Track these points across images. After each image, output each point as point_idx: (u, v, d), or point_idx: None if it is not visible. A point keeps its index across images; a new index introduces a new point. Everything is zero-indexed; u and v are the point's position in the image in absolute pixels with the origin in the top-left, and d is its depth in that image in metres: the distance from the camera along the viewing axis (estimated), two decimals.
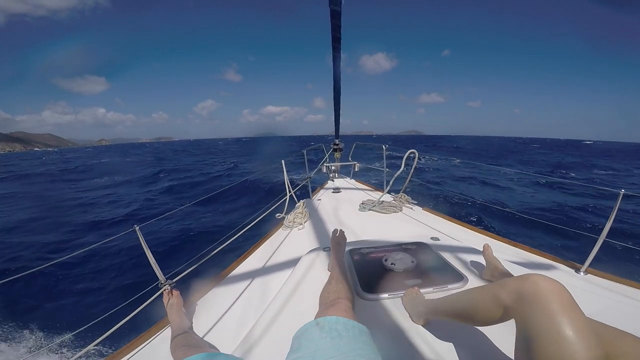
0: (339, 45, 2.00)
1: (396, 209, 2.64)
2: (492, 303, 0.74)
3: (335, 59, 2.18)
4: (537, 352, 0.59)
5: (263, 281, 1.57)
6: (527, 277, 0.68)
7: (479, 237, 2.02)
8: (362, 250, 1.62)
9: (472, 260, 1.53)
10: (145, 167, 21.88)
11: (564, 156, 28.37)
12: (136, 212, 8.28)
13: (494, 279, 1.32)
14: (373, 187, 3.65)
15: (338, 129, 3.58)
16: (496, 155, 24.32)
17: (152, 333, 1.24)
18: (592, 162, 23.92)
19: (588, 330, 0.57)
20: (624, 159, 28.77)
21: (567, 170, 17.53)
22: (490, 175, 12.35)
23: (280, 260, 1.78)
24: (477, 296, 0.82)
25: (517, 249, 1.82)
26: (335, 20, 1.76)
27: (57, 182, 16.66)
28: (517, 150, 34.39)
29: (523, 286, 0.66)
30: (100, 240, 1.29)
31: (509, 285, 0.71)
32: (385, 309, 1.16)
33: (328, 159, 3.98)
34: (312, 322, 0.83)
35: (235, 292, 1.46)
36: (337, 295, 1.04)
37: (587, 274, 1.53)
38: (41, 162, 39.01)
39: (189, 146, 78.24)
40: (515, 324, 0.69)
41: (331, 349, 0.72)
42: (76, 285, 4.30)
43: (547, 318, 0.59)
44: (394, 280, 1.31)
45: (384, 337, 1.00)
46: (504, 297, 0.70)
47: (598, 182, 13.14)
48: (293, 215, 2.49)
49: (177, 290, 1.36)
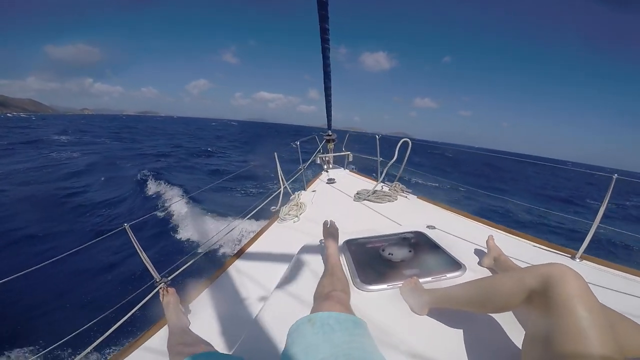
0: (328, 36, 1.98)
1: (391, 198, 2.64)
2: (517, 287, 0.77)
3: (325, 50, 2.15)
4: (556, 332, 0.62)
5: (260, 277, 1.56)
6: (554, 264, 0.73)
7: (474, 225, 2.03)
8: (359, 240, 1.61)
9: (469, 249, 1.54)
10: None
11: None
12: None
13: (496, 267, 1.34)
14: (367, 177, 3.65)
15: (330, 120, 3.54)
16: (498, 178, 20.17)
17: (152, 332, 1.22)
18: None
19: (603, 314, 0.62)
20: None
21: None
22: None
23: (276, 254, 1.77)
24: (501, 280, 0.86)
25: (513, 236, 1.84)
26: (322, 11, 1.73)
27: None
28: (514, 170, 29.30)
29: (551, 271, 0.71)
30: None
31: (538, 270, 0.75)
32: (384, 299, 1.16)
33: (322, 150, 3.95)
34: (304, 318, 0.83)
35: (232, 288, 1.45)
36: (332, 288, 1.04)
37: (582, 260, 1.56)
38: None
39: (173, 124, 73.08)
40: (532, 308, 0.73)
41: (324, 344, 0.72)
42: (67, 285, 4.22)
43: (569, 299, 0.64)
44: (392, 271, 1.31)
45: (383, 328, 1.00)
46: (532, 280, 0.74)
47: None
48: (288, 208, 2.47)
49: (173, 288, 1.33)
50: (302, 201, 2.61)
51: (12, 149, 16.78)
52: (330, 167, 4.05)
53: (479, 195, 7.49)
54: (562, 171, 34.57)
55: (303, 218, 2.32)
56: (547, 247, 1.71)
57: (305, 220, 2.28)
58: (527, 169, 28.03)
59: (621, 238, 7.63)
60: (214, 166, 14.07)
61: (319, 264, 1.41)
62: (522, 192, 16.51)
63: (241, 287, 1.44)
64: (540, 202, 13.61)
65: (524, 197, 13.73)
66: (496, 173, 22.65)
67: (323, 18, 1.79)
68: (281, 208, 2.50)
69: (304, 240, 1.71)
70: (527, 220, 9.20)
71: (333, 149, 4.02)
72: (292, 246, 1.75)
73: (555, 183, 24.89)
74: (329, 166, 4.05)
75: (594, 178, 29.95)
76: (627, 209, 15.52)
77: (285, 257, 1.64)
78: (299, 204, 2.52)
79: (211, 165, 14.47)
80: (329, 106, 3.13)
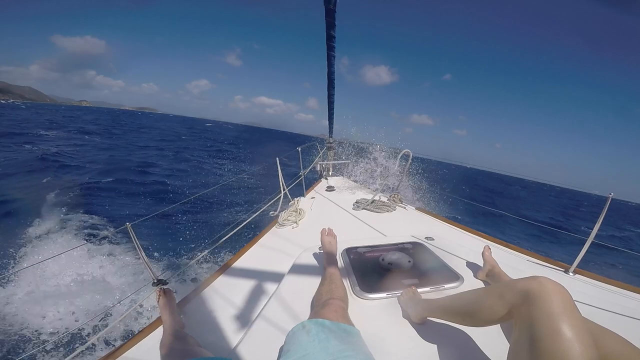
0: (334, 43, 2.00)
1: (390, 209, 2.65)
2: (498, 301, 0.76)
3: (330, 57, 2.17)
4: (537, 349, 0.60)
5: (258, 281, 1.55)
6: (533, 278, 0.71)
7: (472, 237, 2.05)
8: (359, 249, 1.62)
9: (467, 260, 1.55)
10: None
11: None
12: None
13: (489, 279, 1.34)
14: (367, 186, 3.66)
15: (332, 127, 3.57)
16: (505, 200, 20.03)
17: (146, 333, 1.20)
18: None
19: (586, 330, 0.60)
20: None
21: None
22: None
23: (274, 259, 1.76)
24: (482, 295, 0.85)
25: (508, 249, 1.85)
26: (329, 18, 1.76)
27: None
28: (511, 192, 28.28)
29: (530, 286, 0.69)
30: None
31: (516, 285, 0.73)
32: (383, 308, 1.16)
33: (322, 157, 3.97)
34: (299, 325, 0.84)
35: (229, 292, 1.44)
36: (330, 295, 1.05)
37: (576, 274, 1.58)
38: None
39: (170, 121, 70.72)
40: (515, 324, 0.71)
41: (320, 352, 0.73)
42: (64, 282, 4.14)
43: (550, 317, 0.61)
44: (391, 280, 1.31)
45: (381, 336, 1.00)
46: (511, 296, 0.73)
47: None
48: (287, 213, 2.47)
49: (170, 290, 1.33)
50: (301, 207, 2.61)
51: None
52: (330, 174, 4.07)
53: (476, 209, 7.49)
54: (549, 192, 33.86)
55: (302, 224, 2.33)
56: (541, 261, 1.72)
57: (304, 227, 2.28)
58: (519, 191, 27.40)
59: (615, 255, 7.66)
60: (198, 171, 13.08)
61: (317, 271, 1.41)
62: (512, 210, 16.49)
63: (238, 292, 1.43)
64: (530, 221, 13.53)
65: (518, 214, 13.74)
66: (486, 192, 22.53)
67: (330, 25, 1.81)
68: (280, 213, 2.50)
69: (303, 245, 1.71)
70: (521, 235, 9.21)
71: (333, 156, 4.04)
72: (290, 251, 1.74)
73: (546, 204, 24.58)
74: (329, 173, 4.07)
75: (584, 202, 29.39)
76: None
77: (283, 262, 1.64)
78: (298, 210, 2.52)
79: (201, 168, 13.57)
80: (332, 114, 3.16)
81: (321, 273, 1.34)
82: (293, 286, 1.32)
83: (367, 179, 3.98)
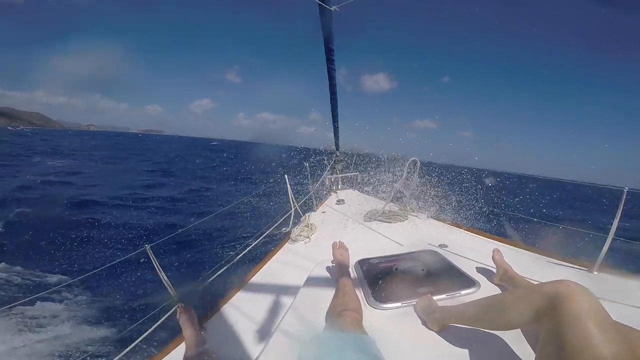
0: (333, 56, 2.05)
1: (402, 218, 2.65)
2: (525, 306, 0.76)
3: (330, 71, 2.22)
4: (567, 354, 0.60)
5: (274, 296, 1.57)
6: (560, 281, 0.71)
7: (487, 242, 2.02)
8: (372, 260, 1.62)
9: (482, 266, 1.53)
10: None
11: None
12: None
13: (504, 283, 1.32)
14: (377, 197, 3.67)
15: (338, 141, 3.62)
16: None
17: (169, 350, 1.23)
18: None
19: (616, 333, 0.60)
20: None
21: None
22: None
23: (289, 274, 1.79)
24: (508, 299, 0.85)
25: (527, 251, 1.82)
26: (326, 31, 1.81)
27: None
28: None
29: (557, 290, 0.69)
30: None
31: (542, 288, 0.74)
32: (398, 317, 1.16)
33: (330, 171, 4.01)
34: (314, 337, 0.85)
35: (247, 307, 1.46)
36: (344, 307, 1.05)
37: (600, 272, 1.53)
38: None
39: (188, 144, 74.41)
40: (541, 328, 0.71)
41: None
42: (87, 303, 4.20)
43: (579, 321, 0.61)
44: (405, 289, 1.30)
45: (398, 346, 1.00)
46: (538, 299, 0.73)
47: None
48: (299, 229, 2.50)
49: (190, 307, 1.36)
50: (312, 222, 2.64)
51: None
52: (339, 187, 4.09)
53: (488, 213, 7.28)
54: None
55: (314, 239, 2.35)
56: (562, 262, 1.68)
57: (316, 241, 2.30)
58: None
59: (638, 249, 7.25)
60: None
61: (331, 283, 1.42)
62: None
63: (255, 307, 1.45)
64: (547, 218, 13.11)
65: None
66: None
67: (328, 39, 1.86)
68: (292, 229, 2.53)
69: (316, 260, 1.73)
70: (538, 234, 8.87)
71: (341, 170, 4.08)
72: (304, 266, 1.76)
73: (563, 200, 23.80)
74: (338, 187, 4.10)
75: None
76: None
77: (297, 277, 1.66)
78: (310, 225, 2.55)
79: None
80: (336, 127, 3.21)
81: (335, 285, 1.36)
82: (308, 299, 1.34)
83: (377, 190, 3.99)
